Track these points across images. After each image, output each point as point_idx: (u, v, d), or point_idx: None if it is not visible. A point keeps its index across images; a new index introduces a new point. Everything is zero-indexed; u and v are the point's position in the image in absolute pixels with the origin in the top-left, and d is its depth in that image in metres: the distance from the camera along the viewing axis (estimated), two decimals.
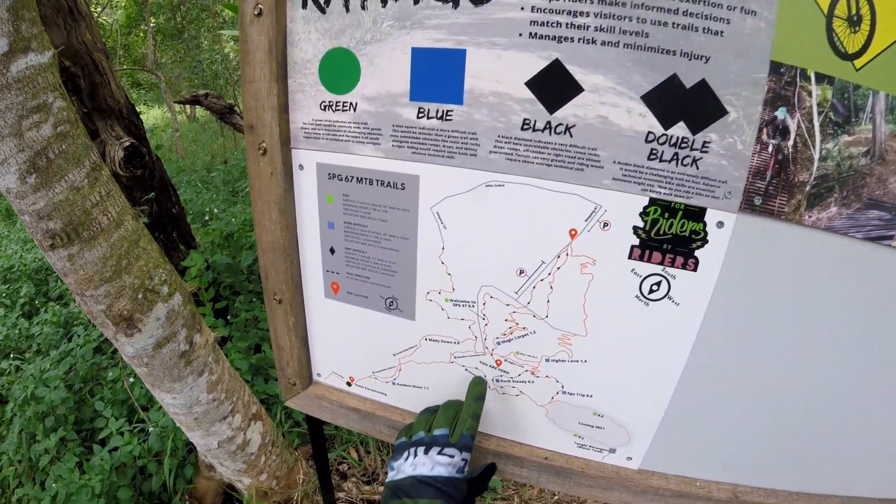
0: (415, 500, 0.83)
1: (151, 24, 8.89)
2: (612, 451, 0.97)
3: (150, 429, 2.02)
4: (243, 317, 2.40)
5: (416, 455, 0.88)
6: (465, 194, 0.82)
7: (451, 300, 0.90)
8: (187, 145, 8.94)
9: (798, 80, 0.65)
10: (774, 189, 0.70)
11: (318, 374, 1.11)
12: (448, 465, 0.85)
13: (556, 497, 2.25)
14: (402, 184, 0.85)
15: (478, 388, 0.91)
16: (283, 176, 0.90)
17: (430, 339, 0.95)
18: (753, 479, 0.95)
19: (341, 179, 0.88)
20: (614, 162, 0.74)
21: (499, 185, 0.80)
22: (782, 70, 0.65)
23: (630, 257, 0.79)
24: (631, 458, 0.97)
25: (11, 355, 2.68)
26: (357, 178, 0.87)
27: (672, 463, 0.97)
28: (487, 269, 0.86)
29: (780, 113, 0.67)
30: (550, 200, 0.79)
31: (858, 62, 0.64)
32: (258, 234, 0.96)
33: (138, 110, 2.53)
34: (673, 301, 0.80)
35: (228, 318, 2.46)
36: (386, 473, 2.26)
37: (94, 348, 2.49)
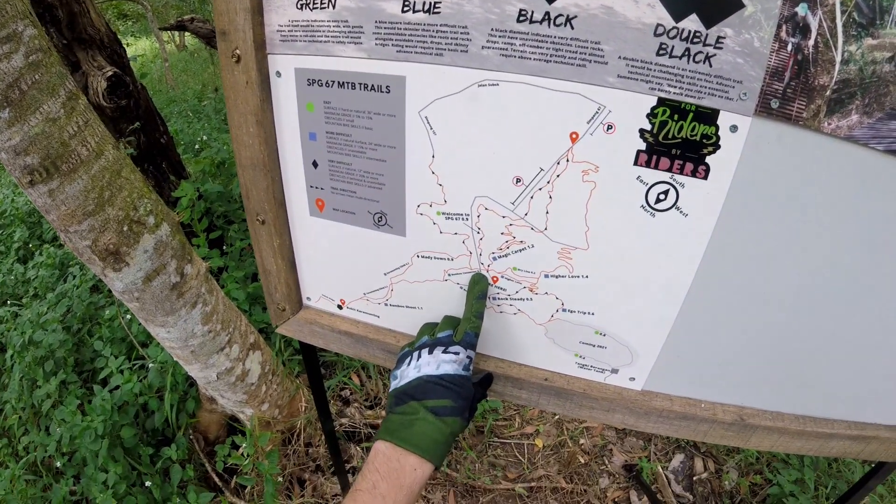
0: (422, 401, 0.81)
1: None
2: (615, 371, 0.94)
3: (150, 365, 2.01)
4: (238, 246, 2.37)
5: (419, 356, 0.85)
6: (456, 95, 0.75)
7: (444, 213, 0.85)
8: (177, 75, 8.64)
9: None
10: (793, 92, 0.64)
11: (307, 298, 1.07)
12: (454, 361, 0.83)
13: (556, 416, 2.28)
14: (386, 86, 0.78)
15: (479, 285, 0.87)
16: (259, 85, 0.83)
17: (423, 256, 0.90)
18: (760, 402, 0.94)
19: (321, 85, 0.81)
20: (620, 57, 0.68)
21: (492, 85, 0.73)
22: None
23: (636, 163, 0.73)
24: (634, 379, 0.94)
25: (9, 302, 2.66)
26: (338, 83, 0.80)
27: (676, 384, 0.94)
28: (481, 178, 0.80)
29: (801, 9, 0.60)
30: (549, 101, 0.72)
31: None
32: (236, 150, 0.90)
33: (125, 42, 2.42)
34: (681, 211, 0.75)
35: (224, 248, 2.42)
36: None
37: (91, 287, 2.46)
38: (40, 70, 1.03)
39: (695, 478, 2.12)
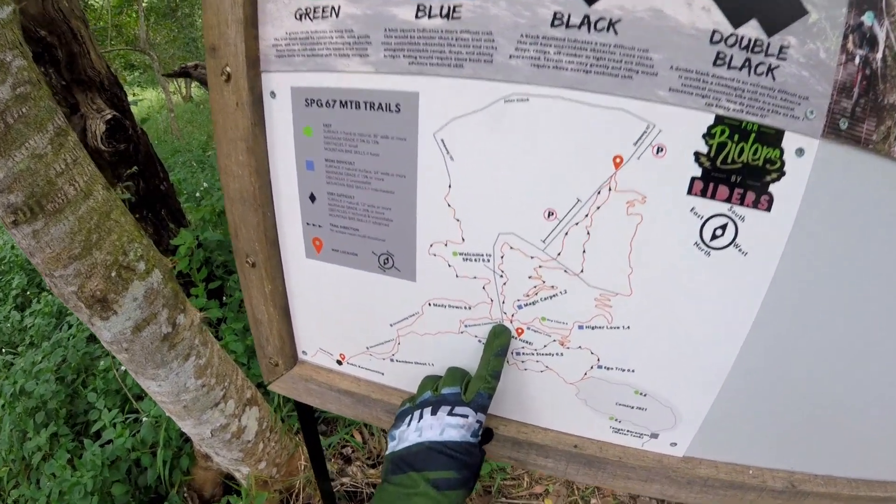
0: (423, 472, 0.63)
1: (143, 4, 8.52)
2: (654, 436, 0.75)
3: (143, 419, 1.79)
4: (237, 297, 2.16)
5: (421, 418, 0.68)
6: (478, 113, 0.59)
7: (461, 254, 0.67)
8: (182, 126, 8.46)
9: None
10: (862, 111, 0.52)
11: (303, 353, 0.88)
12: (461, 426, 0.66)
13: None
14: (396, 104, 0.61)
15: (500, 339, 0.69)
16: (250, 106, 0.67)
17: (435, 305, 0.72)
18: (811, 466, 0.75)
19: (321, 105, 0.65)
20: (672, 68, 0.53)
21: (521, 100, 0.57)
22: None
23: (689, 192, 0.57)
24: (675, 444, 0.75)
25: (4, 350, 2.44)
26: (340, 102, 0.64)
27: (722, 449, 0.76)
28: (507, 211, 0.63)
29: (868, 18, 0.49)
30: (589, 118, 0.56)
31: None
32: (224, 182, 0.73)
33: (131, 92, 2.31)
34: (740, 249, 0.59)
35: (223, 298, 2.22)
36: None
37: (87, 337, 2.25)
38: (28, 103, 0.90)
39: None
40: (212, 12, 0.64)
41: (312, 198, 0.72)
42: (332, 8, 0.60)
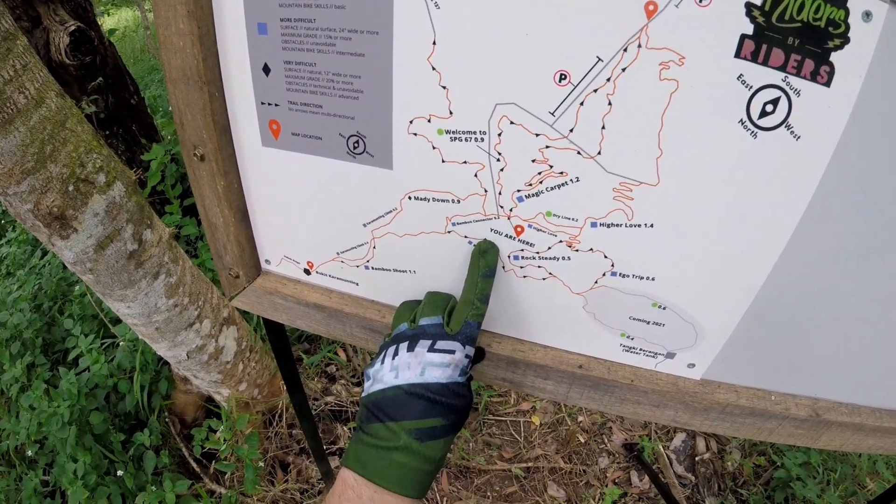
0: (401, 422, 0.53)
1: None
2: (671, 355, 0.64)
3: (119, 344, 1.70)
4: None
5: (396, 354, 0.56)
6: None
7: (448, 131, 0.53)
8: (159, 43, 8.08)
9: None
10: None
11: (266, 262, 0.75)
12: (445, 365, 0.55)
13: None
14: None
15: (487, 257, 0.58)
16: None
17: (417, 198, 0.59)
18: (835, 393, 0.67)
19: None
20: None
21: None
22: None
23: (738, 55, 0.44)
24: (693, 366, 0.65)
25: None
26: None
27: (744, 372, 0.66)
28: (507, 75, 0.49)
29: None
30: None
31: None
32: (164, 59, 0.58)
33: (104, 11, 2.09)
34: (792, 132, 0.46)
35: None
36: None
37: (62, 263, 2.14)
38: None
39: (697, 458, 1.86)
40: None
41: (266, 69, 0.57)
42: None
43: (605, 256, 0.57)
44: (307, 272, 0.73)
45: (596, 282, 0.59)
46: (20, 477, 1.67)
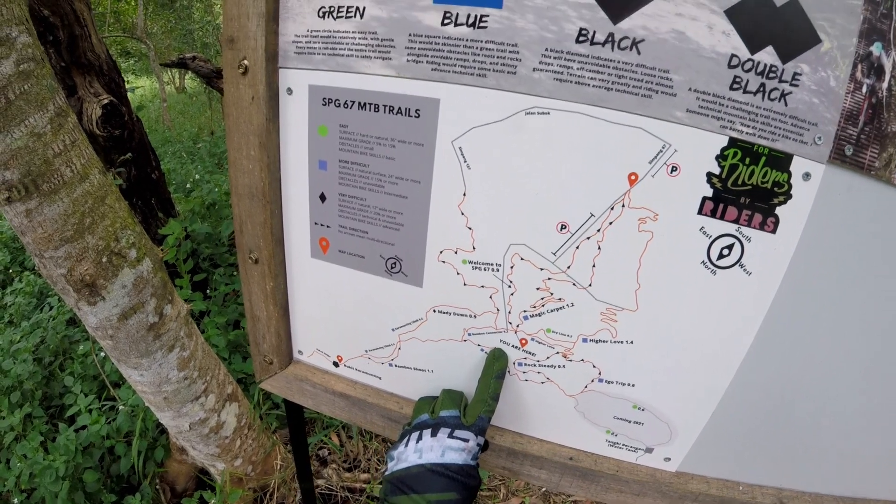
0: (423, 494, 0.62)
1: None
2: (649, 450, 0.75)
3: (120, 407, 1.75)
4: (222, 290, 2.12)
5: (420, 439, 0.66)
6: (498, 124, 0.59)
7: (471, 262, 0.66)
8: (174, 116, 8.28)
9: (894, 12, 0.51)
10: (867, 138, 0.53)
11: (299, 352, 0.86)
12: (461, 450, 0.65)
13: (542, 489, 2.03)
14: (416, 110, 0.61)
15: (498, 363, 0.69)
16: (266, 102, 0.66)
17: (440, 312, 0.71)
18: (799, 483, 0.77)
19: (339, 105, 0.64)
20: (690, 89, 0.54)
21: (542, 113, 0.57)
22: None
23: (700, 212, 0.58)
24: (669, 459, 0.75)
25: None
26: (359, 104, 0.63)
27: (714, 465, 0.76)
28: (520, 222, 0.63)
29: (876, 48, 0.52)
30: (607, 135, 0.56)
31: None
32: (232, 176, 0.72)
33: (126, 79, 2.26)
34: (744, 269, 0.60)
35: (207, 291, 2.18)
36: (368, 460, 2.03)
37: (67, 320, 2.18)
38: (30, 80, 0.87)
39: None
40: (232, 3, 0.63)
41: (323, 198, 0.70)
42: (357, 9, 0.60)
43: (594, 366, 0.69)
44: (336, 364, 0.84)
45: (586, 386, 0.71)
46: None
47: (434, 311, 0.72)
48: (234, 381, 1.64)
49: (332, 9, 0.61)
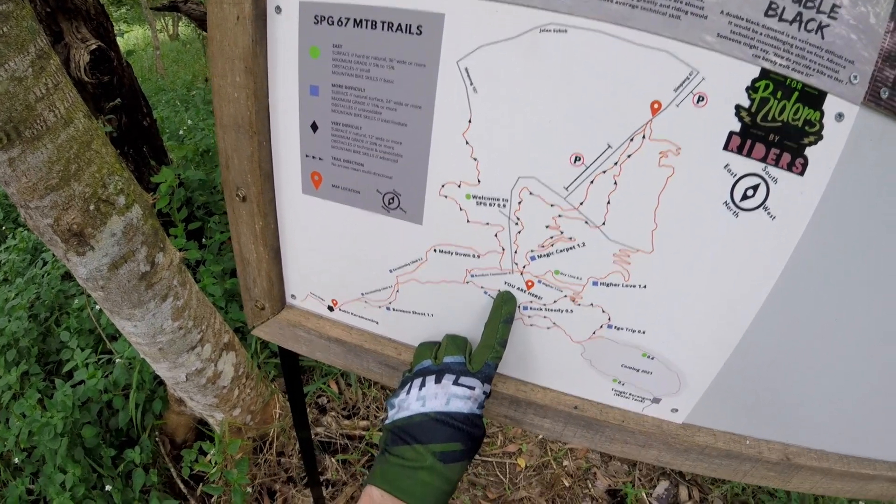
0: (428, 444, 0.59)
1: None
2: (657, 400, 0.72)
3: (117, 360, 1.72)
4: (217, 239, 2.06)
5: (423, 386, 0.63)
6: (510, 42, 0.52)
7: (475, 196, 0.61)
8: (168, 65, 7.99)
9: None
10: None
11: (292, 296, 0.82)
12: (467, 398, 0.62)
13: (539, 436, 2.04)
14: (418, 26, 0.54)
15: (507, 307, 0.65)
16: (252, 21, 0.59)
17: (441, 251, 0.66)
18: (806, 440, 0.74)
19: (332, 23, 0.57)
20: (722, 12, 0.48)
21: (559, 31, 0.51)
22: None
23: (726, 147, 0.52)
24: (677, 411, 0.72)
25: None
26: (355, 21, 0.56)
27: (722, 418, 0.73)
28: (530, 153, 0.57)
29: None
30: (630, 57, 0.50)
31: None
32: (217, 105, 0.66)
33: (116, 28, 2.16)
34: (768, 213, 0.55)
35: (203, 240, 2.12)
36: (367, 407, 2.02)
37: (62, 275, 2.15)
38: (9, 22, 0.82)
39: None
40: None
41: (314, 127, 0.64)
42: None
43: (604, 311, 0.64)
44: (331, 309, 0.79)
45: (594, 332, 0.66)
46: (5, 483, 1.67)
47: (435, 250, 0.66)
48: (230, 330, 1.61)
49: None
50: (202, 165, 2.26)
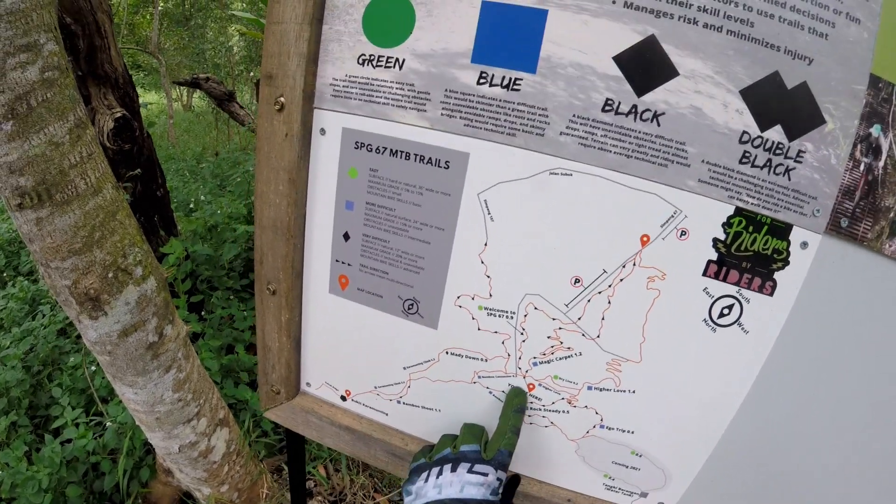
0: None
1: (160, 7, 8.40)
2: (644, 495, 0.76)
3: (108, 424, 1.71)
4: (219, 314, 2.11)
5: (440, 474, 0.67)
6: (523, 181, 0.62)
7: (486, 308, 0.69)
8: (179, 134, 8.15)
9: (894, 97, 0.56)
10: (861, 212, 0.58)
11: (307, 384, 0.87)
12: (481, 485, 0.65)
13: None
14: (446, 161, 0.64)
15: (518, 399, 0.70)
16: (299, 139, 0.68)
17: (453, 354, 0.73)
18: None
19: (371, 150, 0.67)
20: (703, 161, 0.57)
21: (566, 174, 0.60)
22: (880, 85, 0.55)
23: (705, 273, 0.61)
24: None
25: None
26: (391, 151, 0.66)
27: None
28: (536, 274, 0.65)
29: (875, 130, 0.56)
30: (624, 198, 0.60)
31: None
32: (258, 207, 0.74)
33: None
34: (742, 328, 0.63)
35: (203, 313, 2.16)
36: (354, 494, 1.99)
37: (59, 330, 2.15)
38: (53, 89, 0.87)
39: None
40: (274, 41, 0.66)
41: (346, 236, 0.72)
42: (397, 60, 0.63)
43: (597, 412, 0.71)
44: (343, 399, 0.85)
45: (588, 431, 0.72)
46: None
47: (447, 352, 0.73)
48: (225, 406, 1.62)
49: (373, 57, 0.64)
50: (209, 241, 2.32)
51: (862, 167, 0.57)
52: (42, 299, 2.43)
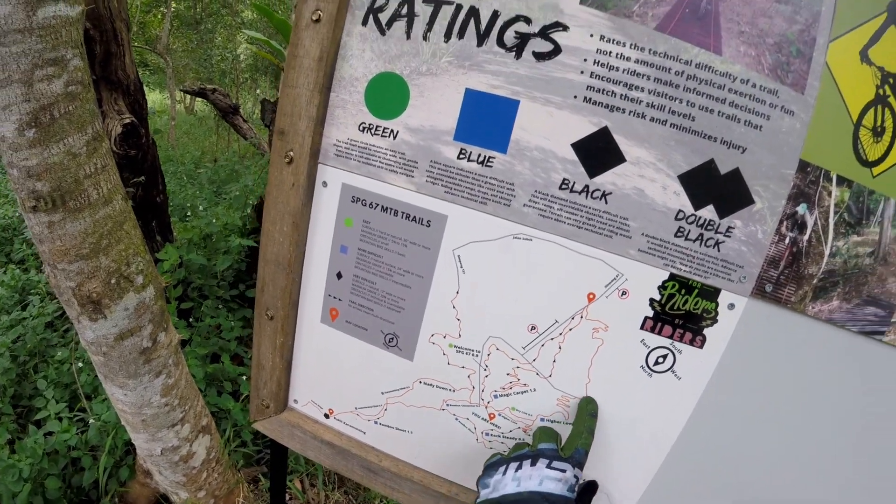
0: None
1: (171, 8, 8.51)
2: None
3: (91, 420, 1.79)
4: (207, 322, 2.20)
5: (519, 468, 0.71)
6: (491, 242, 0.74)
7: (455, 346, 0.81)
8: (179, 136, 8.29)
9: (821, 180, 0.64)
10: (785, 279, 0.68)
11: (294, 401, 0.99)
12: (559, 480, 0.69)
13: None
14: (428, 220, 0.76)
15: (591, 405, 0.78)
16: (304, 189, 0.80)
17: (425, 383, 0.85)
18: None
19: (365, 205, 0.79)
20: (643, 234, 0.70)
21: (526, 239, 0.73)
22: (809, 169, 0.64)
23: (642, 327, 0.73)
24: None
25: None
26: (382, 207, 0.79)
27: None
28: (499, 320, 0.78)
29: (801, 208, 0.65)
30: (575, 262, 0.72)
31: (876, 169, 0.64)
32: (264, 243, 0.85)
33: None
34: (676, 375, 0.75)
35: (191, 320, 2.25)
36: None
37: (47, 323, 2.22)
38: (75, 102, 0.95)
39: None
40: (288, 102, 0.78)
41: (339, 275, 0.85)
42: (392, 131, 0.75)
43: None
44: (326, 416, 0.96)
45: None
46: None
47: (420, 381, 0.86)
48: (209, 413, 1.70)
49: (372, 126, 0.76)
50: (203, 249, 2.41)
51: (787, 240, 0.66)
52: (32, 289, 2.47)
